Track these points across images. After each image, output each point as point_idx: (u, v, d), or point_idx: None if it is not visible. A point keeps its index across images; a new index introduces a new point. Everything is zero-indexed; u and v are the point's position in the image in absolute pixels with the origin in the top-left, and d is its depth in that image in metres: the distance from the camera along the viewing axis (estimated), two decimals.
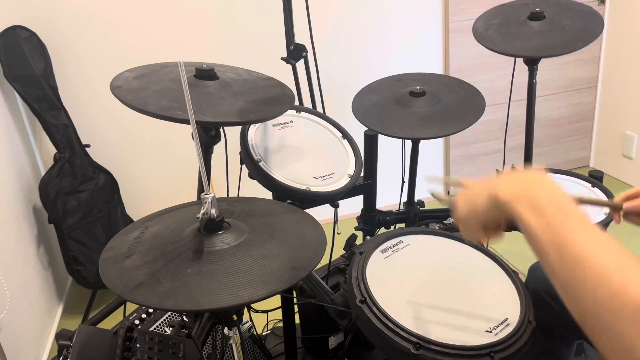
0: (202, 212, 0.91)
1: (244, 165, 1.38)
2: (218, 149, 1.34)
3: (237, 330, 1.05)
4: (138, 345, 1.06)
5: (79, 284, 2.42)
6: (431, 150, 3.13)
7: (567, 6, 1.76)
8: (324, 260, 1.54)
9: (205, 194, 0.92)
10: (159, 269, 0.86)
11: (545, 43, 1.65)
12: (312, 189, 1.32)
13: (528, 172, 0.72)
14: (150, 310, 1.41)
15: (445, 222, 1.87)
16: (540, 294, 1.22)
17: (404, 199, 1.95)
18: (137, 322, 1.36)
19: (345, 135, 1.50)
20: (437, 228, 1.82)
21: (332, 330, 1.57)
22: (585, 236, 0.59)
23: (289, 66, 1.88)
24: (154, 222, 1.03)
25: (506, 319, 1.03)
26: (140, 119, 1.15)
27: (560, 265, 0.59)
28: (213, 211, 0.92)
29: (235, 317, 1.04)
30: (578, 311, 0.57)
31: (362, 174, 1.47)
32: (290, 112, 1.49)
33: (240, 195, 1.36)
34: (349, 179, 1.39)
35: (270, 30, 2.15)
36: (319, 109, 2.02)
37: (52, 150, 2.36)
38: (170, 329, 1.37)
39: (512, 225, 0.74)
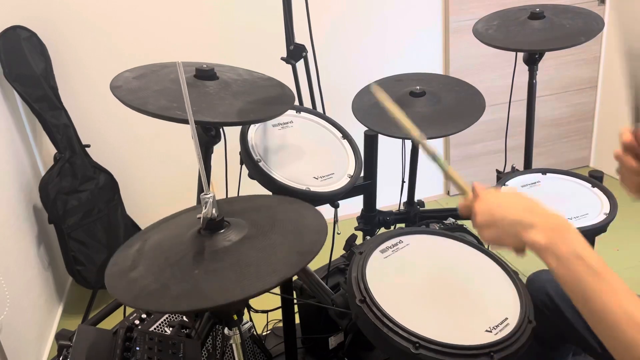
0: (203, 212, 0.91)
1: (244, 166, 1.38)
2: (218, 149, 1.34)
3: (237, 330, 1.05)
4: (137, 349, 1.06)
5: (79, 284, 2.42)
6: None
7: (566, 9, 1.77)
8: (324, 261, 1.54)
9: (205, 194, 0.92)
10: (166, 275, 0.86)
11: (547, 37, 1.65)
12: (312, 189, 1.32)
13: (545, 213, 0.80)
14: None
15: (445, 222, 1.87)
16: (537, 305, 1.22)
17: (404, 199, 1.95)
18: (137, 322, 1.36)
19: (345, 135, 1.50)
20: (437, 228, 1.82)
21: (332, 330, 1.57)
22: (604, 290, 0.70)
23: (289, 66, 1.88)
24: (154, 232, 1.03)
25: (506, 319, 1.03)
26: (141, 119, 1.15)
27: (584, 312, 0.72)
28: (213, 211, 0.92)
29: (235, 317, 1.04)
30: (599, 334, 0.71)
31: (362, 174, 1.47)
32: (290, 112, 1.49)
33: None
34: (349, 179, 1.39)
35: (270, 30, 2.15)
36: (319, 109, 2.02)
37: (52, 150, 2.36)
38: (170, 329, 1.37)
39: None
